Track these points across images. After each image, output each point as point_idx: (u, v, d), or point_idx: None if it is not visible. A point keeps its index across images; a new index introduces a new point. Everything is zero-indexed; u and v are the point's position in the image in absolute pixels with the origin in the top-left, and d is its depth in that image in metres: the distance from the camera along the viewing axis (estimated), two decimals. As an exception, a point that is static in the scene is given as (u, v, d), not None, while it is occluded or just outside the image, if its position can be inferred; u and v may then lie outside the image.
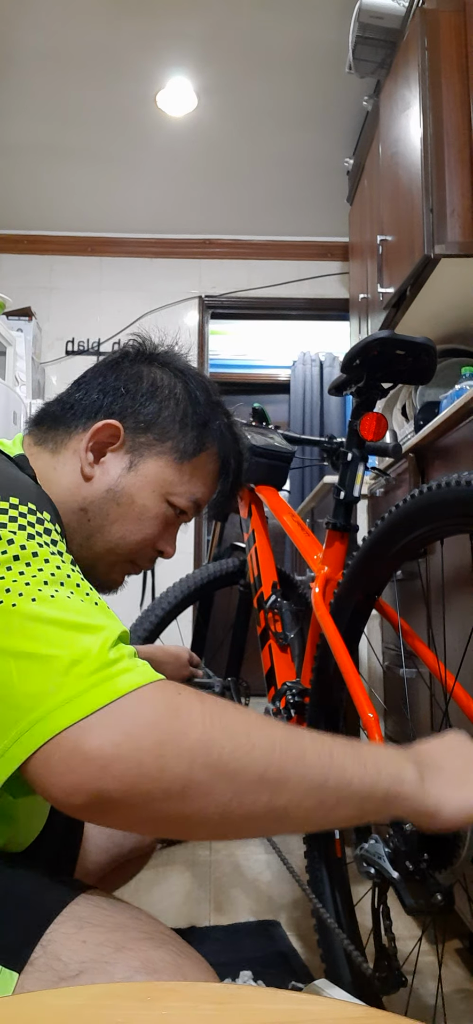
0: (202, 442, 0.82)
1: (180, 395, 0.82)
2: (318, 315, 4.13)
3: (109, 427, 0.77)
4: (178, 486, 0.80)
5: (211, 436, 0.83)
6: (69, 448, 0.77)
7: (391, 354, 1.09)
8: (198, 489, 0.82)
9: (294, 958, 1.27)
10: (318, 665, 1.16)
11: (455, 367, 2.15)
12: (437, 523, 0.89)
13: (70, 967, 0.53)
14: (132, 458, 0.78)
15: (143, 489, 0.78)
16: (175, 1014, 0.39)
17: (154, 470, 0.79)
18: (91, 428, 0.77)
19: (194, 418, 0.81)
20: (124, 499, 0.77)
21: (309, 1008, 0.43)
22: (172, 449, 0.79)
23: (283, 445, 1.58)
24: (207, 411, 0.83)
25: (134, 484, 0.78)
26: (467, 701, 0.91)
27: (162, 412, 0.80)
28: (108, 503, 0.77)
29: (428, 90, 1.97)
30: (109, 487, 0.77)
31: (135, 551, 0.80)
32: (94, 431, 0.77)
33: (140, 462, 0.78)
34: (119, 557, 0.79)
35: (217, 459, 0.85)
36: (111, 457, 0.78)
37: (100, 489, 0.77)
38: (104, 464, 0.77)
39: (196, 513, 0.84)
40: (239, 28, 2.59)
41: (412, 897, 0.78)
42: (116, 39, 2.64)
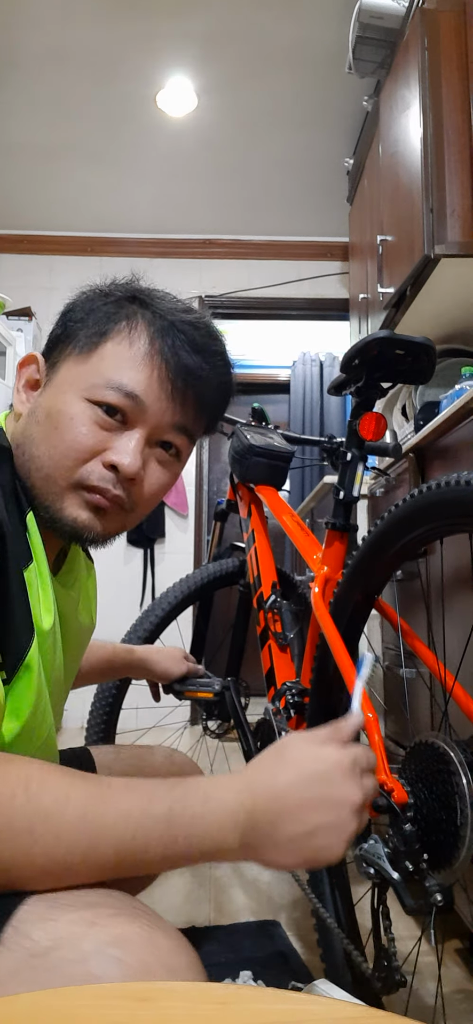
0: (106, 319, 0.73)
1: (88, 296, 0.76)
2: (318, 315, 4.13)
3: (28, 358, 0.76)
4: (91, 377, 0.70)
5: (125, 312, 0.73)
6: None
7: (390, 354, 1.09)
8: (117, 372, 0.70)
9: (294, 958, 1.27)
10: (318, 665, 1.16)
11: (455, 367, 2.15)
12: (437, 523, 0.89)
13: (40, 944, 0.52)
14: (49, 375, 0.74)
15: (55, 397, 0.71)
16: (175, 1014, 0.39)
17: (64, 373, 0.72)
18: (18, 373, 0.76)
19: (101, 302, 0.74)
20: (41, 415, 0.72)
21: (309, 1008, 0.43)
22: (80, 342, 0.72)
23: (283, 445, 1.58)
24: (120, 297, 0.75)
25: (48, 397, 0.72)
26: (467, 701, 0.91)
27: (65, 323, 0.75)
28: (29, 427, 0.72)
29: (428, 90, 1.97)
30: (29, 412, 0.74)
31: (71, 467, 0.69)
32: (18, 369, 0.75)
33: (54, 375, 0.73)
34: (59, 482, 0.70)
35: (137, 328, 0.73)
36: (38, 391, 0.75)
37: (23, 418, 0.74)
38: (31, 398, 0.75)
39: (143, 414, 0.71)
40: (239, 28, 2.59)
41: (412, 897, 0.78)
42: (116, 39, 2.65)
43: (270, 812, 0.58)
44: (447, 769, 0.79)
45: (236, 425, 1.65)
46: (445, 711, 0.97)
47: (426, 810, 0.81)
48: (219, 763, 2.36)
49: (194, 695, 1.52)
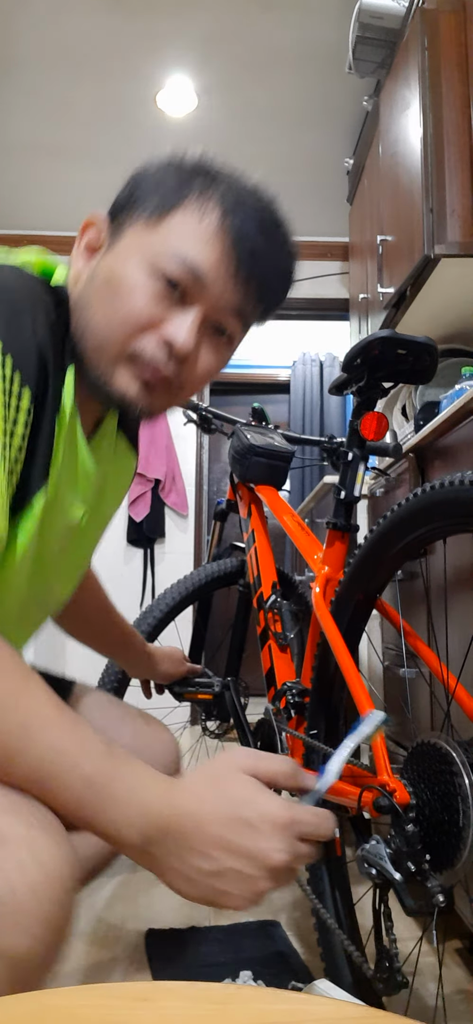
0: (178, 189, 0.70)
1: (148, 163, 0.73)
2: (318, 315, 4.13)
3: (90, 221, 0.74)
4: (158, 245, 0.68)
5: (198, 182, 0.70)
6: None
7: (392, 353, 1.09)
8: (185, 244, 0.68)
9: (294, 958, 1.27)
10: (318, 665, 1.16)
11: (455, 367, 2.15)
12: (438, 523, 0.89)
13: None
14: (112, 240, 0.72)
15: (117, 262, 0.69)
16: (175, 1014, 0.39)
17: (129, 239, 0.70)
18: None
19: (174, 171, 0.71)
20: (100, 280, 0.70)
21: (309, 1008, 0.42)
22: (149, 209, 0.70)
23: (283, 445, 1.57)
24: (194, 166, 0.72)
25: (110, 262, 0.70)
26: (469, 701, 0.91)
27: (137, 186, 0.72)
28: (87, 290, 0.71)
29: (428, 90, 1.97)
30: (89, 275, 0.72)
31: (127, 336, 0.69)
32: (80, 232, 0.74)
33: (118, 239, 0.71)
34: (113, 350, 0.69)
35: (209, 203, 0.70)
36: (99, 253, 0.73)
37: (83, 280, 0.72)
38: (92, 260, 0.73)
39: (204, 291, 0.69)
40: (239, 28, 2.59)
41: (412, 898, 0.78)
42: (116, 39, 2.64)
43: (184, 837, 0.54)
44: (449, 770, 0.79)
45: (236, 425, 1.65)
46: (447, 711, 0.97)
47: (428, 811, 0.81)
48: (219, 763, 2.36)
49: (194, 697, 1.52)
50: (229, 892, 0.53)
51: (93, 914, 1.46)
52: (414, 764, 0.85)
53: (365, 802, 0.88)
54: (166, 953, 1.29)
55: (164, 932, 1.37)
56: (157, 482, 3.81)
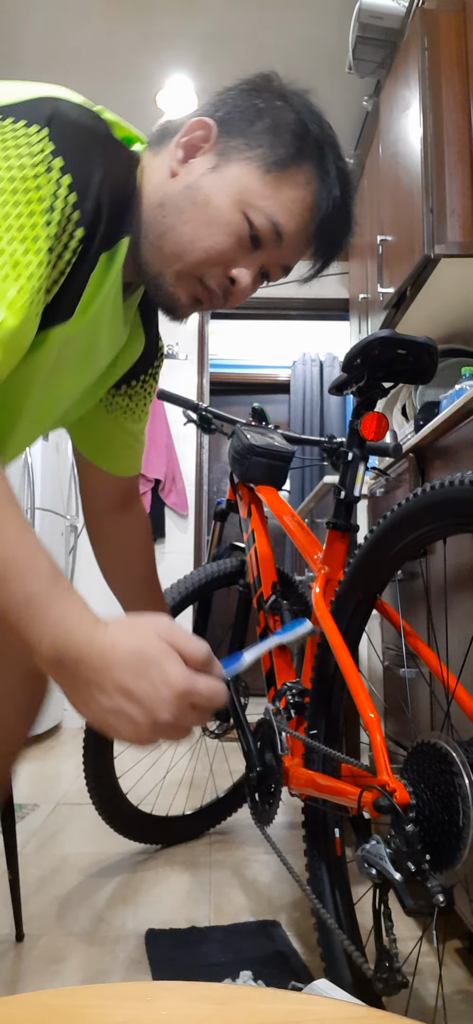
0: (294, 155, 0.74)
1: (283, 106, 0.76)
2: (318, 315, 4.13)
3: (201, 124, 0.76)
4: (258, 198, 0.73)
5: (307, 154, 0.75)
6: (167, 149, 0.78)
7: (392, 353, 1.09)
8: (280, 209, 0.74)
9: (294, 958, 1.27)
10: (318, 665, 1.16)
11: (455, 367, 2.15)
12: (438, 523, 0.89)
13: None
14: (219, 160, 0.74)
15: (220, 190, 0.73)
16: (175, 1014, 0.39)
17: (236, 173, 0.73)
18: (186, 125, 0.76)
19: (292, 127, 0.75)
20: (200, 198, 0.74)
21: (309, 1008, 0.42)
22: (260, 156, 0.73)
23: (283, 445, 1.57)
24: (308, 126, 0.76)
25: (213, 184, 0.74)
26: (469, 701, 0.91)
27: (257, 122, 0.75)
28: (184, 199, 0.74)
29: (428, 90, 1.97)
30: (188, 184, 0.75)
31: (203, 262, 0.74)
32: (188, 127, 0.76)
33: (225, 165, 0.74)
34: (186, 266, 0.75)
35: (311, 189, 0.75)
36: (200, 159, 0.75)
37: (180, 185, 0.75)
38: (191, 164, 0.76)
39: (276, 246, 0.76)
40: (239, 28, 2.59)
41: (412, 898, 0.78)
42: (116, 39, 2.65)
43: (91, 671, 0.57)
44: (449, 770, 0.79)
45: (236, 425, 1.65)
46: (447, 711, 0.97)
47: (428, 811, 0.81)
48: (219, 763, 2.36)
49: None
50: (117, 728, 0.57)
51: (93, 914, 1.46)
52: (414, 764, 0.85)
53: (365, 802, 0.88)
54: (166, 953, 1.29)
55: (164, 932, 1.37)
56: (157, 482, 3.81)
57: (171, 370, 4.00)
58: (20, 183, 0.60)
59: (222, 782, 2.21)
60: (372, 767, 0.90)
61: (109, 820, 1.72)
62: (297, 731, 1.22)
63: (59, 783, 2.43)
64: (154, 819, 1.82)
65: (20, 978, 1.21)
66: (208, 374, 4.07)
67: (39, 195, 0.60)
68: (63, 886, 1.60)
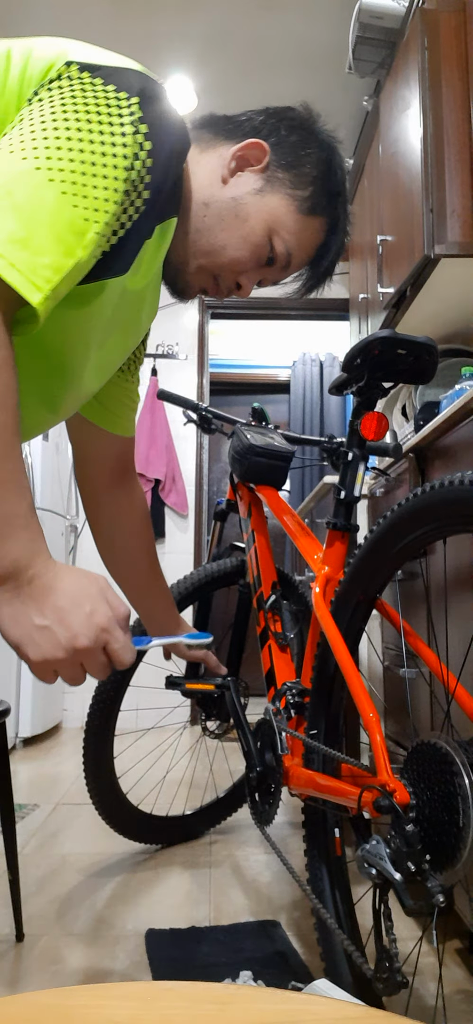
0: (322, 208, 0.88)
1: (325, 159, 0.88)
2: (318, 315, 4.13)
3: (259, 147, 0.85)
4: (286, 231, 0.86)
5: (330, 211, 0.89)
6: (217, 151, 0.86)
7: (392, 353, 1.09)
8: (298, 246, 0.88)
9: (294, 958, 1.27)
10: (318, 665, 1.16)
11: (455, 367, 2.15)
12: (439, 523, 0.89)
13: None
14: (265, 185, 0.85)
15: (260, 213, 0.85)
16: (175, 1014, 0.39)
17: (276, 204, 0.85)
18: (243, 142, 0.85)
19: (327, 185, 0.88)
20: (242, 213, 0.84)
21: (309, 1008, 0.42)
22: (299, 198, 0.86)
23: (283, 445, 1.57)
24: (338, 187, 0.89)
25: (255, 205, 0.85)
26: (469, 702, 0.91)
27: (305, 163, 0.87)
28: (228, 209, 0.84)
29: (428, 90, 1.97)
30: (235, 196, 0.84)
31: (226, 266, 0.86)
32: (246, 144, 0.85)
33: (269, 192, 0.85)
34: (211, 264, 0.86)
35: (323, 235, 0.90)
36: (248, 175, 0.85)
37: (227, 194, 0.84)
38: (240, 177, 0.85)
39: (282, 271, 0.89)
40: (239, 28, 2.59)
41: (412, 898, 0.78)
42: (116, 38, 2.64)
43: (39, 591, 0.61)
44: (449, 770, 0.79)
45: (236, 425, 1.65)
46: (447, 712, 0.97)
47: (428, 811, 0.81)
48: (219, 762, 2.36)
49: (196, 687, 1.51)
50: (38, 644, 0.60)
51: (93, 914, 1.46)
52: (414, 764, 0.85)
53: (365, 802, 0.88)
54: (166, 953, 1.29)
55: (164, 932, 1.37)
56: (157, 482, 3.81)
57: (171, 370, 4.00)
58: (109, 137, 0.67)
59: (222, 782, 2.21)
60: (372, 767, 0.90)
61: (109, 820, 1.72)
62: (297, 731, 1.22)
63: (59, 783, 2.43)
64: (154, 819, 1.82)
65: (20, 978, 1.21)
66: (208, 374, 4.07)
67: (124, 152, 0.67)
68: (63, 886, 1.60)
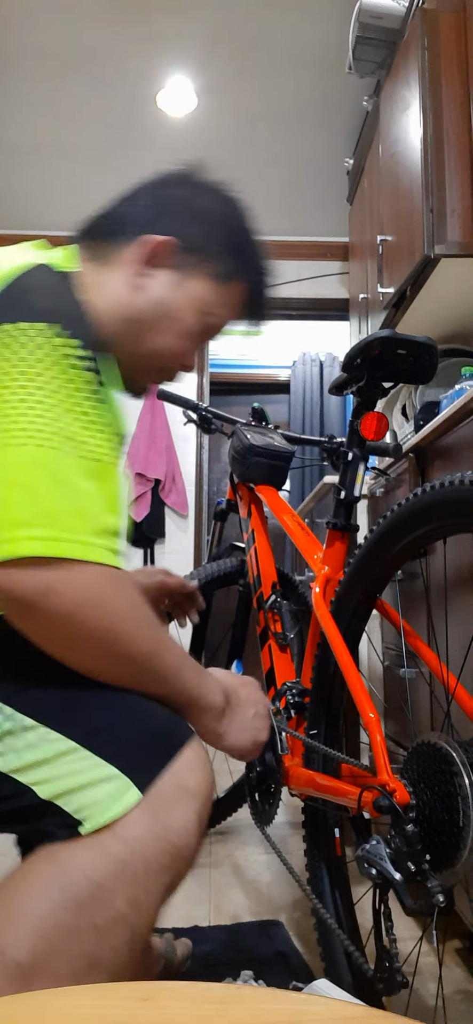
0: (236, 268, 0.87)
1: (222, 220, 0.88)
2: (318, 315, 4.13)
3: (166, 244, 0.82)
4: (216, 307, 0.86)
5: (244, 264, 0.89)
6: (119, 261, 0.83)
7: (392, 353, 1.09)
8: (229, 312, 0.89)
9: (296, 958, 1.27)
10: (318, 665, 1.16)
11: (455, 367, 2.15)
12: (439, 523, 0.89)
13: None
14: (181, 276, 0.84)
15: (189, 306, 0.85)
16: (175, 1014, 0.39)
17: (198, 290, 0.85)
18: (148, 242, 0.82)
19: (232, 244, 0.87)
20: (171, 312, 0.84)
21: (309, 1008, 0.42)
22: (213, 271, 0.85)
23: (283, 445, 1.57)
24: (243, 240, 0.89)
25: (181, 300, 0.84)
26: (469, 702, 0.91)
27: (205, 234, 0.85)
28: (156, 315, 0.83)
29: (428, 90, 1.96)
30: (160, 299, 0.83)
31: (169, 361, 0.88)
32: (153, 245, 0.82)
33: (186, 281, 0.84)
34: (154, 364, 0.87)
35: (246, 289, 0.90)
36: (161, 273, 0.83)
37: (150, 300, 0.83)
38: (155, 278, 0.83)
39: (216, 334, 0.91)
40: (239, 28, 2.59)
41: (412, 898, 0.78)
42: (116, 39, 2.64)
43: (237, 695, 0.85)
44: (449, 770, 0.79)
45: (236, 425, 1.65)
46: (447, 711, 0.97)
47: (428, 811, 0.81)
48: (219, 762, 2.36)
49: None
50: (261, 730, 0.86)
51: (93, 914, 1.46)
52: (414, 764, 0.85)
53: (365, 802, 0.88)
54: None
55: (165, 931, 1.37)
56: (157, 482, 3.81)
57: (171, 370, 4.00)
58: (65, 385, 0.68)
59: (222, 782, 2.21)
60: (372, 767, 0.90)
61: (109, 820, 1.71)
62: (297, 731, 1.22)
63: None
64: (154, 819, 1.82)
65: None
66: (208, 374, 4.07)
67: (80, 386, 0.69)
68: (63, 886, 1.59)
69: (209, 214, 0.87)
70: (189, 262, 0.84)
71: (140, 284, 0.82)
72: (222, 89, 2.92)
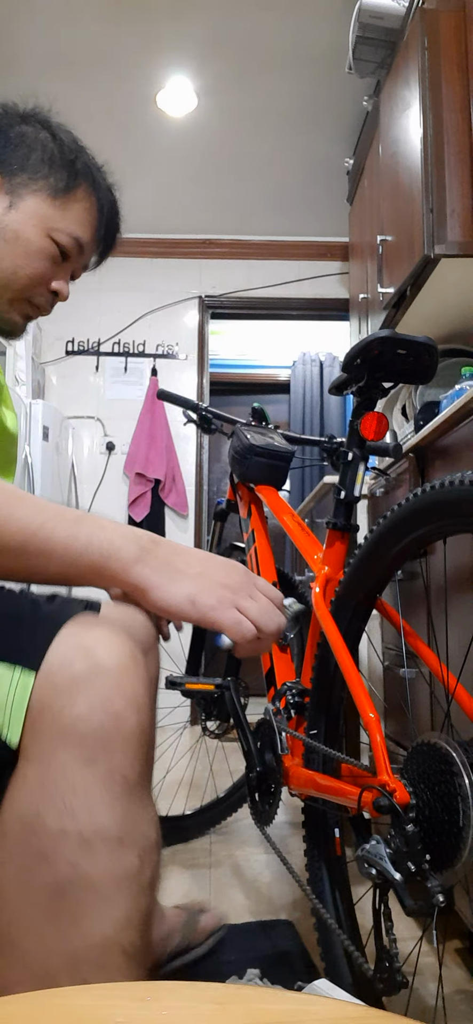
0: (74, 178, 0.90)
1: (45, 139, 0.91)
2: (318, 315, 4.13)
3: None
4: (58, 221, 0.88)
5: (82, 174, 0.91)
6: None
7: (392, 353, 1.09)
8: (77, 226, 0.90)
9: (303, 958, 1.27)
10: (318, 665, 1.16)
11: (455, 367, 2.15)
12: (439, 523, 0.89)
13: None
14: (12, 199, 0.87)
15: (26, 224, 0.86)
16: (175, 1014, 0.39)
17: (33, 206, 0.87)
18: None
19: (61, 158, 0.90)
20: (9, 235, 0.86)
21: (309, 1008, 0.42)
22: (47, 186, 0.88)
23: (283, 445, 1.57)
24: (74, 151, 0.92)
25: (17, 220, 0.86)
26: (469, 701, 0.90)
27: (31, 155, 0.89)
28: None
29: (428, 90, 1.96)
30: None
31: (28, 287, 0.88)
32: None
33: (19, 201, 0.87)
34: (15, 294, 0.88)
35: (93, 200, 0.92)
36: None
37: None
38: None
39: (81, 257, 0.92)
40: (239, 28, 2.59)
41: (412, 898, 0.78)
42: (116, 40, 2.65)
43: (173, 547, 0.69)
44: (449, 770, 0.79)
45: (236, 425, 1.65)
46: (447, 711, 0.97)
47: (428, 811, 0.81)
48: (219, 762, 2.36)
49: (196, 687, 1.51)
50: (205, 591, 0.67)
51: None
52: (414, 764, 0.85)
53: (365, 802, 0.88)
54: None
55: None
56: (157, 482, 3.81)
57: (171, 370, 4.00)
58: None
59: (222, 782, 2.21)
60: (372, 767, 0.90)
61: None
62: (297, 731, 1.22)
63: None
64: (154, 819, 1.82)
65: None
66: (208, 374, 4.08)
67: None
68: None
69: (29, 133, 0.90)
70: (18, 183, 0.87)
71: None
72: (222, 89, 2.92)
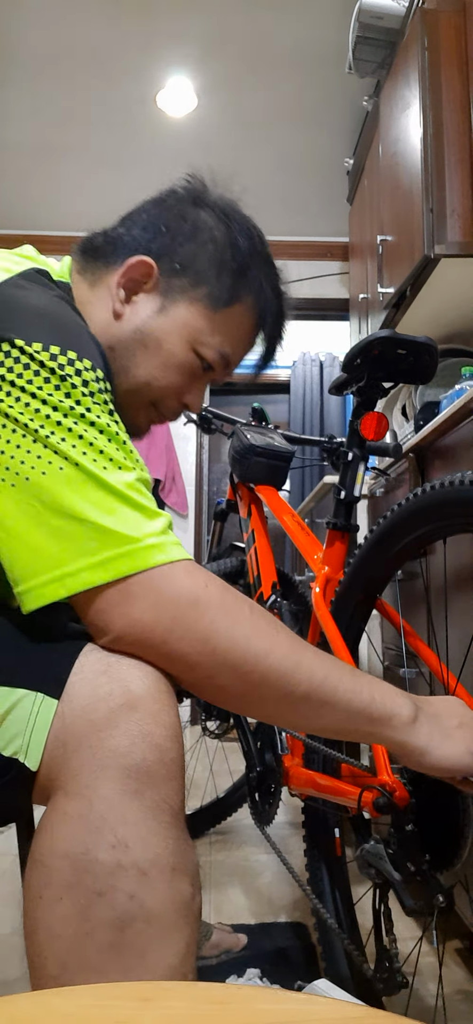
0: (237, 292, 0.78)
1: (220, 239, 0.78)
2: (318, 315, 4.13)
3: (143, 264, 0.76)
4: (208, 336, 0.77)
5: (248, 287, 0.79)
6: (105, 284, 0.77)
7: (392, 353, 1.09)
8: (228, 343, 0.79)
9: (304, 958, 1.27)
10: (318, 665, 1.16)
11: (455, 367, 2.15)
12: (439, 523, 0.89)
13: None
14: (164, 301, 0.77)
15: (171, 334, 0.76)
16: (175, 1014, 0.39)
17: (185, 316, 0.77)
18: (124, 265, 0.76)
19: (232, 265, 0.78)
20: (151, 342, 0.76)
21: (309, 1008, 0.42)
22: (206, 296, 0.77)
23: (283, 445, 1.57)
24: (247, 259, 0.79)
25: (163, 327, 0.76)
26: (469, 701, 0.90)
27: (199, 255, 0.77)
28: (135, 344, 0.76)
29: (428, 90, 1.96)
30: (137, 327, 0.76)
31: (159, 397, 0.79)
32: (128, 267, 0.76)
33: (171, 306, 0.77)
34: (143, 401, 0.79)
35: (253, 314, 0.81)
36: (143, 297, 0.77)
37: (128, 328, 0.76)
38: (135, 304, 0.76)
39: (225, 371, 0.82)
40: (239, 28, 2.59)
41: (412, 898, 0.78)
42: (116, 39, 2.64)
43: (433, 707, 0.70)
44: (448, 769, 0.78)
45: (236, 425, 1.65)
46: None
47: (428, 811, 0.81)
48: (219, 763, 2.36)
49: None
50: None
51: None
52: (414, 764, 0.85)
53: (365, 802, 0.88)
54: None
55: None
56: (157, 482, 3.81)
57: (171, 370, 4.00)
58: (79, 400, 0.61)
59: (222, 782, 2.21)
60: (372, 767, 0.90)
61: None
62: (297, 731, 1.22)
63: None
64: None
65: (21, 977, 1.21)
66: (208, 374, 4.07)
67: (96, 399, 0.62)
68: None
69: (203, 230, 0.78)
70: (175, 285, 0.76)
71: (119, 311, 0.76)
72: (222, 89, 2.92)
